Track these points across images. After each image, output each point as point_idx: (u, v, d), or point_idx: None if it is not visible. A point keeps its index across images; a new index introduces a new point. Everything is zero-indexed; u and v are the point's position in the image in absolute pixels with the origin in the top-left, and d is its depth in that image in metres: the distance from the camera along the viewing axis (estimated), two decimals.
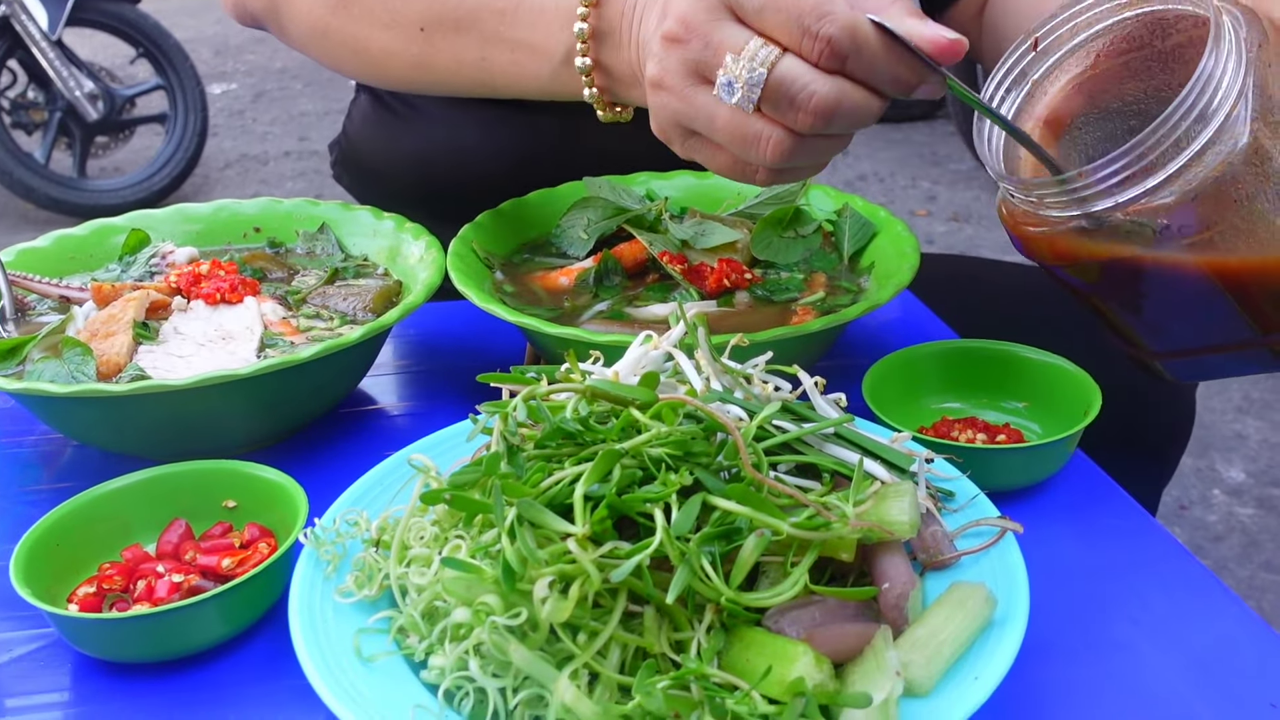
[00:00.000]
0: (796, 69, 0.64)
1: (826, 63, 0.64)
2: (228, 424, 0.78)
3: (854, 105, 0.65)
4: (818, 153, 0.69)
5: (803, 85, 0.64)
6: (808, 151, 0.68)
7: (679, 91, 0.68)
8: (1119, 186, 0.61)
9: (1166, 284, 0.65)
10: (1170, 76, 0.68)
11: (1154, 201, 0.60)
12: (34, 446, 0.85)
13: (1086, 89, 0.71)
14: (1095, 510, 0.76)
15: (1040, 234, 0.66)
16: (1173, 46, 0.68)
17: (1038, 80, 0.71)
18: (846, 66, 0.64)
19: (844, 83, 0.65)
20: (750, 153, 0.68)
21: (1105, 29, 0.70)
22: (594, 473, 0.54)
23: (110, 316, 0.81)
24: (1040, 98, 0.71)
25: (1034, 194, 0.65)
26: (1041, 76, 0.71)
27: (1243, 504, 2.35)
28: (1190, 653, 0.63)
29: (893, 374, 0.82)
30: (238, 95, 5.53)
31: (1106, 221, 0.62)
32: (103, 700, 0.61)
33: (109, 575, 0.65)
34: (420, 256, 0.91)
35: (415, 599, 0.56)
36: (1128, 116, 0.70)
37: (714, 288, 0.89)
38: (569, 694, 0.49)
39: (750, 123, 0.67)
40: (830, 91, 0.64)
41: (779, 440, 0.60)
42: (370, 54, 0.92)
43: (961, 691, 0.51)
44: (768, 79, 0.64)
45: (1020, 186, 0.66)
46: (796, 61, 0.64)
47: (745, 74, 0.65)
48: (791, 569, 0.53)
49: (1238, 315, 0.65)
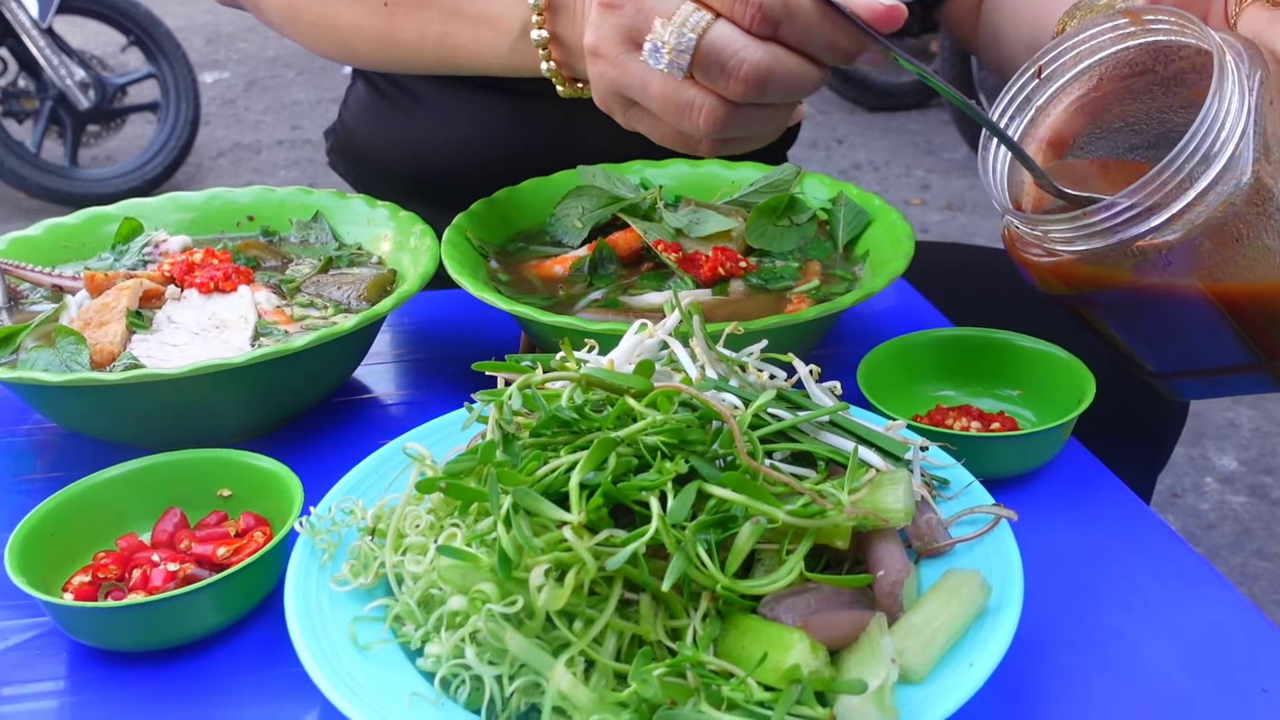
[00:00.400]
0: (728, 35, 0.63)
1: (758, 28, 0.62)
2: (222, 413, 0.78)
3: (788, 73, 0.63)
4: (757, 123, 0.67)
5: (733, 52, 0.62)
6: (745, 121, 0.66)
7: (614, 59, 0.67)
8: (1124, 225, 0.61)
9: (1170, 312, 0.66)
10: (1171, 98, 0.69)
11: (1158, 238, 0.61)
12: (27, 436, 0.85)
13: (1089, 109, 0.71)
14: (1089, 498, 0.76)
15: (1044, 262, 0.67)
16: (1175, 72, 0.69)
17: (1041, 105, 0.71)
18: (779, 32, 0.63)
19: (778, 50, 0.63)
20: (684, 122, 0.66)
21: (1108, 55, 0.70)
22: (589, 461, 0.54)
23: (104, 305, 0.81)
24: (1043, 120, 0.72)
25: (1039, 228, 0.65)
26: (1045, 102, 0.71)
27: (1235, 492, 2.36)
28: (1184, 639, 0.63)
29: (887, 362, 0.82)
30: (230, 84, 5.51)
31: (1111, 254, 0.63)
32: (98, 689, 0.61)
33: (104, 564, 0.65)
34: (414, 245, 0.90)
35: (411, 587, 0.56)
36: (1129, 134, 0.71)
37: (709, 276, 0.89)
38: (565, 681, 0.49)
39: (683, 90, 0.65)
40: (763, 58, 0.63)
41: (774, 428, 0.60)
42: (338, 30, 0.92)
43: (956, 678, 0.51)
44: (699, 45, 0.63)
45: (1026, 221, 0.66)
46: (728, 27, 0.63)
47: (673, 39, 0.63)
48: (787, 556, 0.54)
49: (1241, 342, 0.66)
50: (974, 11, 1.15)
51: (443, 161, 1.16)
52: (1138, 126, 0.70)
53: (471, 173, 1.10)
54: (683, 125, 0.67)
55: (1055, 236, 0.65)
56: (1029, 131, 0.72)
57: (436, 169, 1.17)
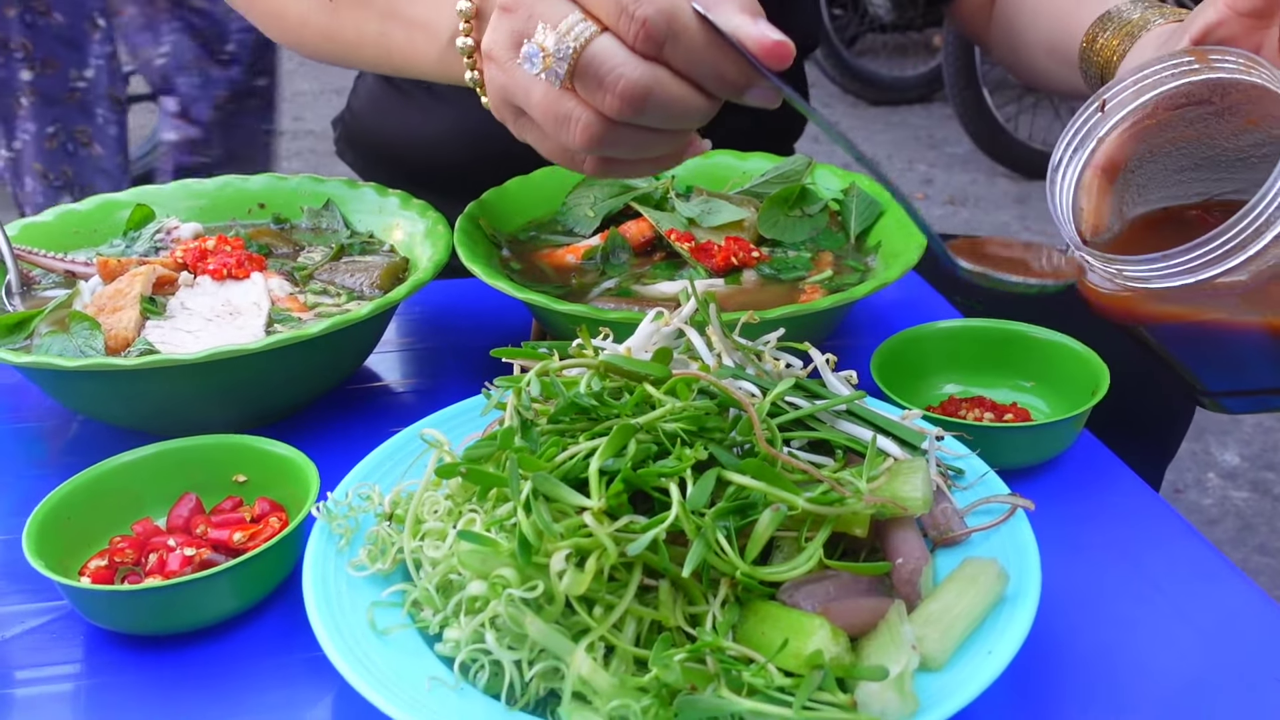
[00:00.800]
0: (610, 49, 0.61)
1: (642, 46, 0.61)
2: (235, 399, 0.78)
3: (668, 97, 0.62)
4: (638, 145, 0.66)
5: (612, 67, 0.61)
6: (625, 141, 0.65)
7: (503, 63, 0.65)
8: (1203, 266, 0.63)
9: (1232, 341, 0.68)
10: (1223, 125, 0.70)
11: (1230, 279, 0.62)
12: (40, 421, 0.85)
13: (1140, 135, 0.72)
14: (1101, 489, 0.76)
15: (1111, 292, 0.68)
16: (1231, 103, 0.70)
17: (1101, 138, 0.72)
18: (664, 54, 0.61)
19: (660, 71, 0.61)
20: (563, 134, 0.65)
21: (1168, 90, 0.71)
22: (609, 447, 0.54)
23: (117, 291, 0.81)
24: (1098, 148, 0.73)
25: (1114, 266, 0.67)
26: (1106, 134, 0.72)
27: (1237, 487, 2.36)
28: (1199, 629, 0.64)
29: (900, 353, 0.82)
30: None
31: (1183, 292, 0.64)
32: (114, 672, 0.61)
33: (120, 548, 0.65)
34: (426, 233, 0.90)
35: (429, 572, 0.56)
36: (1177, 158, 0.72)
37: (721, 265, 0.89)
38: (586, 666, 0.49)
39: (562, 101, 0.63)
40: (641, 77, 0.61)
41: (792, 416, 0.60)
42: (288, 21, 0.91)
43: (976, 666, 0.51)
44: (579, 56, 0.61)
45: (1099, 259, 0.67)
46: (612, 41, 0.61)
47: (552, 46, 0.62)
48: (806, 544, 0.54)
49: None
50: (985, 9, 1.15)
51: (453, 150, 1.16)
52: (1186, 150, 0.72)
53: (481, 162, 1.09)
54: (561, 137, 0.65)
55: (1129, 275, 0.66)
56: (1088, 162, 0.73)
57: (446, 158, 1.17)
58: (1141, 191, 0.73)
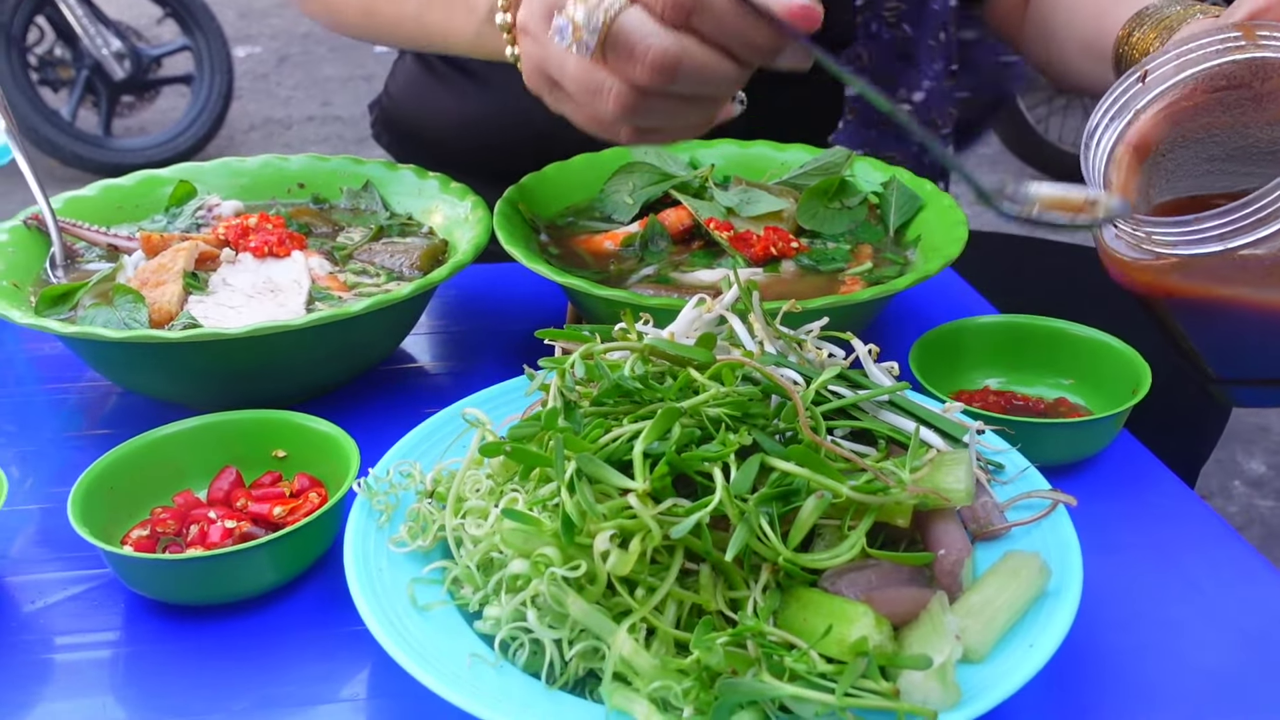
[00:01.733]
0: (639, 20, 0.62)
1: (670, 15, 0.62)
2: (276, 375, 0.78)
3: (698, 64, 0.63)
4: (672, 114, 0.67)
5: (641, 36, 0.62)
6: (658, 110, 0.66)
7: (537, 36, 0.67)
8: (1233, 234, 0.62)
9: (1250, 321, 0.67)
10: (1258, 114, 0.70)
11: (1259, 249, 0.62)
12: (80, 393, 0.86)
13: (1175, 117, 0.72)
14: (1141, 488, 0.76)
15: (1135, 261, 0.67)
16: (1270, 89, 0.69)
17: (1139, 110, 0.72)
18: (692, 22, 0.62)
19: (689, 40, 0.62)
20: (597, 104, 0.66)
21: (1211, 66, 0.70)
22: (653, 430, 0.54)
23: (160, 266, 0.82)
24: (1133, 124, 0.72)
25: (1144, 229, 0.66)
26: (1144, 107, 0.72)
27: (1263, 496, 2.34)
28: (1239, 630, 0.63)
29: (938, 347, 0.82)
30: (262, 59, 5.52)
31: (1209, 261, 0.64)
32: (154, 641, 0.62)
33: (162, 519, 0.66)
34: (465, 216, 0.91)
35: (470, 550, 0.56)
36: (1209, 145, 0.72)
37: (760, 255, 0.88)
38: (628, 647, 0.49)
39: (595, 72, 0.65)
40: (671, 46, 0.62)
41: (835, 405, 0.60)
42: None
43: (1017, 659, 0.51)
44: (609, 27, 0.62)
45: (1132, 221, 0.67)
46: (640, 12, 0.62)
47: (582, 19, 0.63)
48: (849, 532, 0.53)
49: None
50: (1019, 9, 1.14)
51: (488, 134, 1.16)
52: (1218, 138, 0.71)
53: (517, 146, 1.10)
54: (595, 108, 0.66)
55: (1159, 239, 0.65)
56: (1122, 134, 0.72)
57: (482, 142, 1.17)
58: (1169, 178, 0.72)
